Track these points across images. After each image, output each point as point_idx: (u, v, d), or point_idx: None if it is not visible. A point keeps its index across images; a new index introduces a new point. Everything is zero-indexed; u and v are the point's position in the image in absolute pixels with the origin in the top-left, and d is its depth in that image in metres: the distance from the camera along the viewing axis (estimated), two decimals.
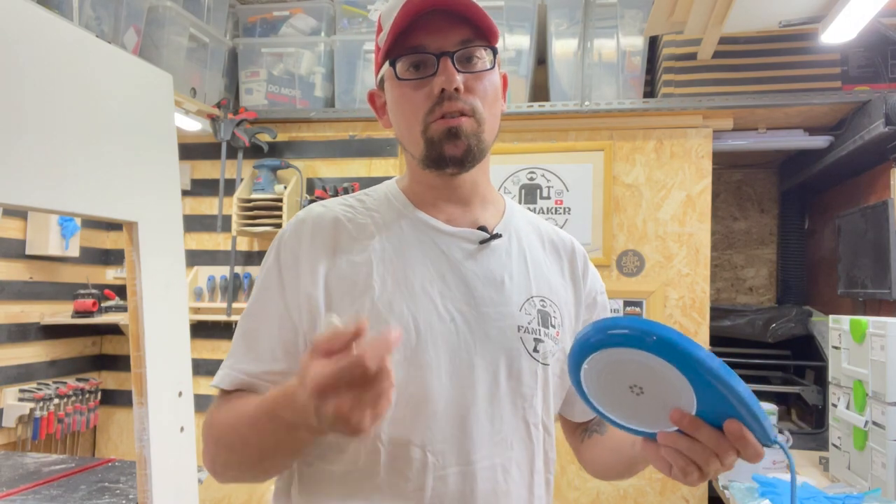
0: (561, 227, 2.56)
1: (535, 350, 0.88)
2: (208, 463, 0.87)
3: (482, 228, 0.92)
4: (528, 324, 0.89)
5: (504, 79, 0.93)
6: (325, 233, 0.89)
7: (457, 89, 0.83)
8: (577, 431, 1.05)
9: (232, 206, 2.73)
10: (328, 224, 0.90)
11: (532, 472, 0.89)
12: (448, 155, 0.86)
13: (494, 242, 0.92)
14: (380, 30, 0.90)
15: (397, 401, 0.81)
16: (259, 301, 0.89)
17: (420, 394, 0.82)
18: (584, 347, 0.66)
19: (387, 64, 0.87)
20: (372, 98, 0.97)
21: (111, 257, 3.14)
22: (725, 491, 2.02)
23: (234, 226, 2.72)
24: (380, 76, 0.92)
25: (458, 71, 0.84)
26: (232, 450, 0.83)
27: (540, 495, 0.90)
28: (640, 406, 0.69)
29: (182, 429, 1.87)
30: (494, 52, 0.88)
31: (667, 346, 0.61)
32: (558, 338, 0.92)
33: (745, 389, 0.62)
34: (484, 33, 0.86)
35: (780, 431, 0.93)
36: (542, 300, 0.92)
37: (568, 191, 2.59)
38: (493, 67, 0.89)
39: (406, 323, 0.83)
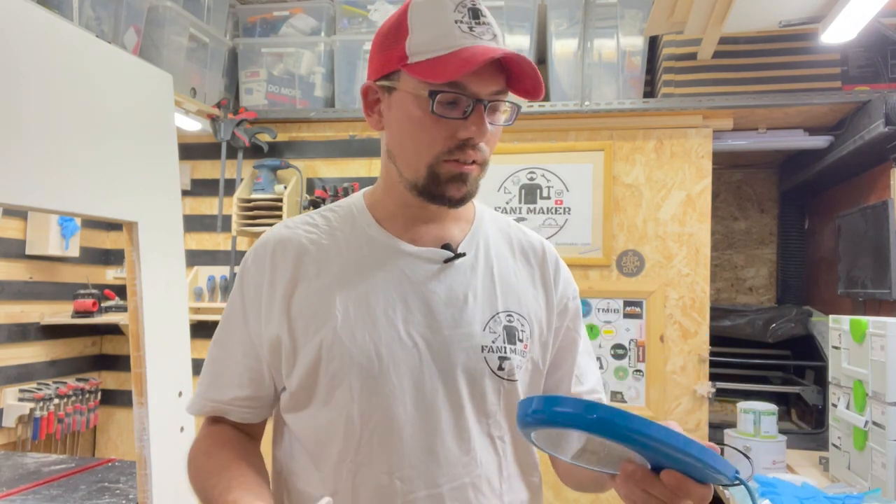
0: (561, 227, 2.59)
1: (500, 368, 0.88)
2: None
3: (447, 246, 0.91)
4: (493, 342, 0.88)
5: None
6: (287, 261, 0.89)
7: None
8: None
9: (232, 206, 2.73)
10: (290, 252, 0.90)
11: (502, 483, 0.89)
12: (448, 195, 0.85)
13: (459, 260, 0.91)
14: (405, 31, 0.83)
15: (361, 431, 0.83)
16: (225, 330, 0.93)
17: (386, 423, 0.83)
18: (528, 422, 0.67)
19: (424, 91, 0.81)
20: (366, 92, 0.90)
21: (111, 257, 3.14)
22: (725, 491, 2.02)
23: (234, 226, 2.72)
24: (389, 79, 0.86)
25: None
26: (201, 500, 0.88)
27: (514, 500, 0.91)
28: (596, 458, 0.71)
29: (182, 429, 1.87)
30: (518, 108, 0.87)
31: (607, 426, 0.62)
32: (526, 350, 0.92)
33: (695, 449, 0.62)
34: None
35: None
36: (508, 315, 0.91)
37: (568, 191, 2.59)
38: (511, 122, 0.88)
39: (368, 352, 0.84)
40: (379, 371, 0.83)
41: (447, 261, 0.90)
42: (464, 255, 0.91)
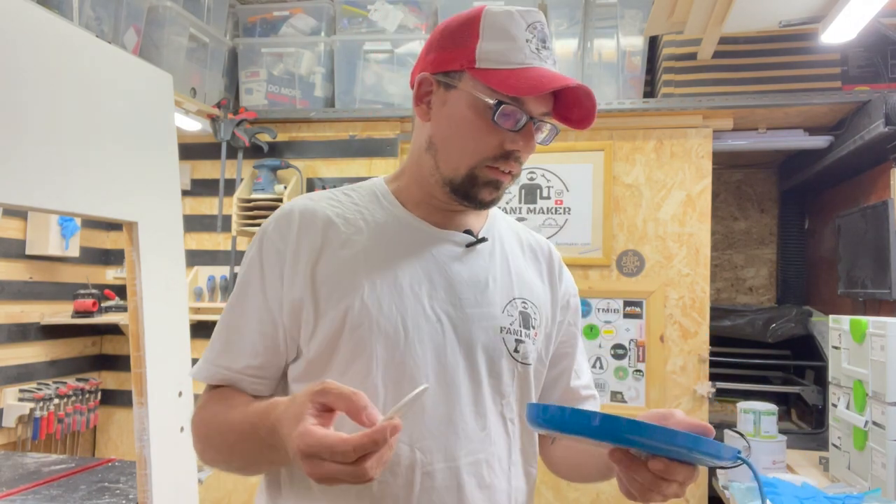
0: (561, 227, 2.59)
1: (516, 350, 0.92)
2: (198, 454, 0.90)
3: (468, 232, 0.95)
4: (511, 325, 0.92)
5: None
6: (312, 229, 0.89)
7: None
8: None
9: (232, 206, 2.73)
10: (317, 220, 0.90)
11: (510, 465, 0.92)
12: (479, 198, 0.89)
13: (479, 246, 0.95)
14: (475, 35, 0.85)
15: (385, 399, 0.84)
16: (240, 295, 0.91)
17: (407, 392, 0.82)
18: (537, 424, 0.72)
19: (489, 98, 0.84)
20: (421, 83, 0.90)
21: (111, 257, 3.14)
22: (725, 491, 2.02)
23: (234, 226, 2.72)
24: (450, 75, 0.87)
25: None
26: (219, 451, 0.87)
27: (518, 486, 0.93)
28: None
29: (182, 429, 1.87)
30: (557, 131, 0.91)
31: (612, 434, 0.67)
32: (536, 338, 0.95)
33: (687, 440, 0.66)
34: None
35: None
36: (523, 302, 0.95)
37: (568, 191, 2.59)
38: (548, 143, 0.92)
39: (395, 322, 0.85)
40: (405, 342, 0.85)
41: (469, 245, 0.93)
42: (485, 239, 0.95)
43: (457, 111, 0.87)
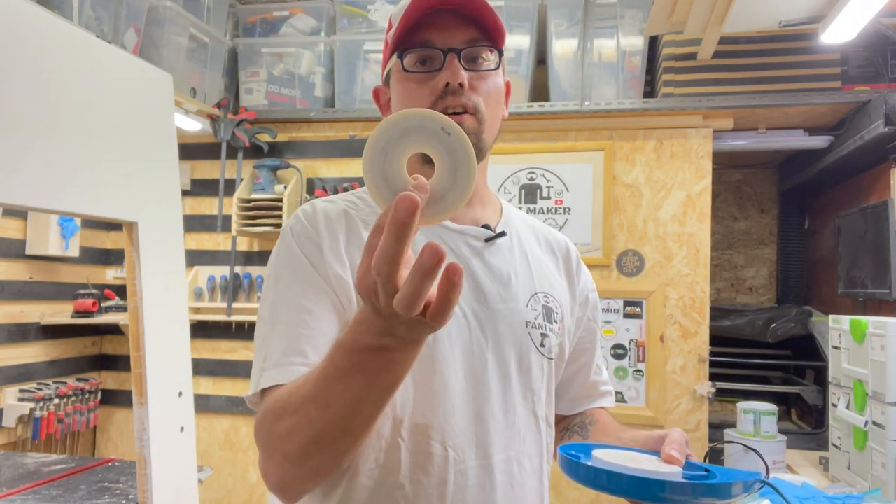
0: (561, 227, 2.59)
1: (542, 345, 0.91)
2: (276, 473, 0.73)
3: (485, 226, 0.94)
4: (535, 319, 0.91)
5: (507, 86, 0.94)
6: (338, 223, 0.87)
7: (461, 84, 0.83)
8: (558, 429, 1.06)
9: (232, 206, 2.73)
10: (340, 215, 0.88)
11: (541, 464, 0.91)
12: None
13: (499, 240, 0.94)
14: (390, 27, 0.91)
15: (415, 396, 0.82)
16: (291, 291, 0.81)
17: (438, 390, 0.83)
18: (569, 474, 0.74)
19: (394, 57, 0.87)
20: (377, 94, 0.96)
21: (111, 257, 3.14)
22: None
23: (234, 226, 2.72)
24: (386, 71, 0.92)
25: (464, 68, 0.84)
26: (309, 422, 0.68)
27: (545, 484, 0.93)
28: None
29: (182, 429, 1.87)
30: (500, 53, 0.89)
31: (631, 490, 0.67)
32: (559, 333, 0.95)
33: (715, 488, 0.65)
34: (491, 35, 0.86)
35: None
36: (545, 296, 0.94)
37: (568, 191, 2.59)
38: (497, 68, 0.89)
39: None
40: (433, 339, 0.83)
41: (488, 240, 0.93)
42: (504, 234, 0.94)
43: (394, 93, 0.90)
